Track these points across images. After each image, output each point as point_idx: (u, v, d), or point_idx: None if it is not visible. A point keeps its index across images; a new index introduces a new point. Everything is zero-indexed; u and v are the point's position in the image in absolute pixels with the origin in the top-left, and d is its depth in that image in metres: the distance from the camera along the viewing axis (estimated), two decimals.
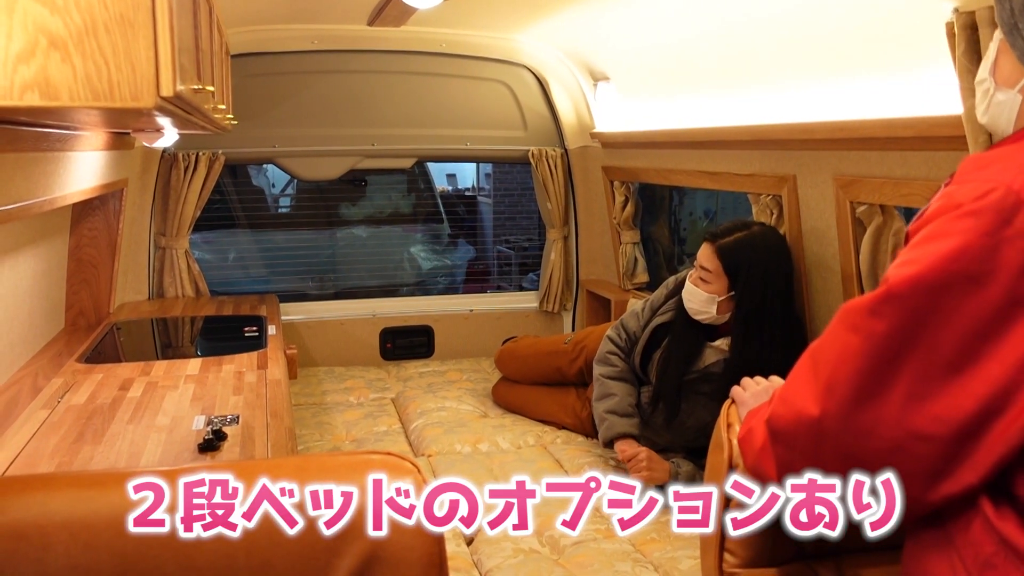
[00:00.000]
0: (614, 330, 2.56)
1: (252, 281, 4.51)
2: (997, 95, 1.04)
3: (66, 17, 0.99)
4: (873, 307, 0.94)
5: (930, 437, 0.91)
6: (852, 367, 0.94)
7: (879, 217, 2.00)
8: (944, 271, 0.89)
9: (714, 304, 2.25)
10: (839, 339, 0.97)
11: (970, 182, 0.91)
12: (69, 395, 2.07)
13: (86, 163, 2.30)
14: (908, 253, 0.94)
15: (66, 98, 1.01)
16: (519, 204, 6.45)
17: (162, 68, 1.04)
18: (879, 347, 0.93)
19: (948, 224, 0.90)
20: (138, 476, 1.00)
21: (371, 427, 2.96)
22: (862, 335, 0.94)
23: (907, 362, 0.91)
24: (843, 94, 2.02)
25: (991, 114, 1.06)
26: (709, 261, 2.25)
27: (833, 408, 0.95)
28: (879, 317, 0.93)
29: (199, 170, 3.26)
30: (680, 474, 2.22)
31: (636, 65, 3.00)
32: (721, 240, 2.25)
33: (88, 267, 2.95)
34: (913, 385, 0.91)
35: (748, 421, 1.15)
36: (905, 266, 0.92)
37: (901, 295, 0.91)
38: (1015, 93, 1.02)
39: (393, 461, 1.10)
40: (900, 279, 0.92)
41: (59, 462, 1.64)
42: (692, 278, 2.31)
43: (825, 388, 0.96)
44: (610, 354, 2.52)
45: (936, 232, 0.91)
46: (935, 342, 0.90)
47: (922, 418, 0.91)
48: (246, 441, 1.75)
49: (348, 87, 3.50)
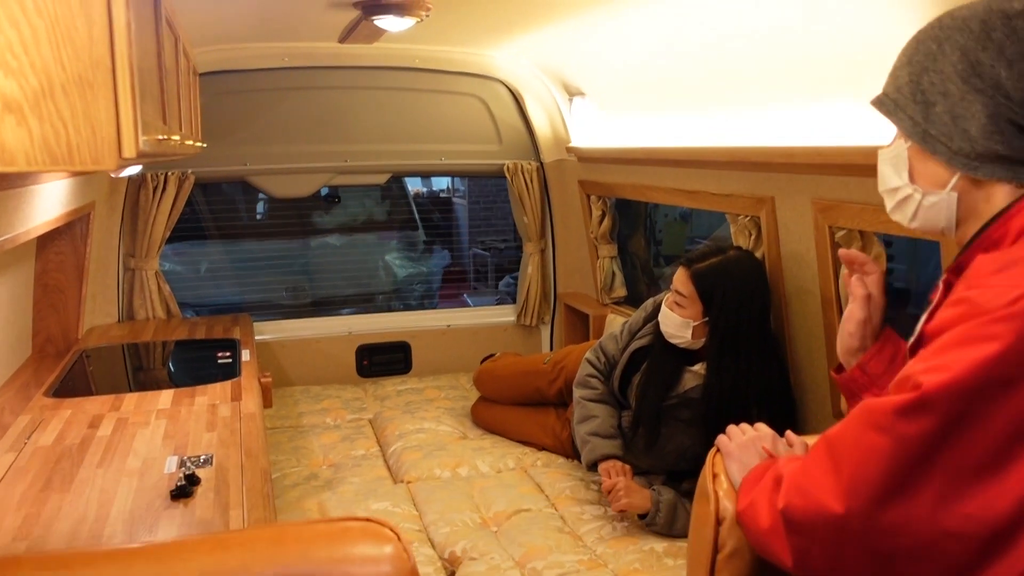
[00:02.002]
0: (592, 353, 2.54)
1: (224, 293, 4.45)
2: (927, 199, 1.07)
3: (21, 79, 0.95)
4: (903, 410, 0.92)
5: (962, 536, 0.90)
6: (879, 468, 0.93)
7: (858, 243, 1.99)
8: (980, 376, 0.89)
9: (689, 328, 2.24)
10: (864, 438, 0.95)
11: (993, 286, 0.92)
12: (36, 434, 2.01)
13: (51, 193, 2.24)
14: (934, 358, 0.93)
15: (23, 163, 0.96)
16: (494, 206, 6.42)
17: (124, 129, 0.99)
18: (909, 450, 0.91)
19: (978, 329, 0.90)
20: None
21: (348, 451, 2.92)
22: (891, 437, 0.93)
23: (939, 463, 0.90)
24: (824, 118, 2.01)
25: (923, 218, 1.10)
26: (684, 286, 2.25)
27: (858, 507, 0.93)
28: (910, 421, 0.91)
29: (168, 191, 3.20)
30: (661, 502, 2.20)
31: (612, 81, 2.98)
32: (696, 265, 2.24)
33: (55, 292, 2.88)
34: (945, 486, 0.90)
35: (747, 492, 1.12)
36: (936, 371, 0.91)
37: (935, 401, 0.90)
38: (948, 193, 1.05)
39: (373, 529, 1.06)
40: (933, 385, 0.90)
41: (26, 513, 1.59)
42: (668, 302, 2.30)
43: (849, 486, 0.94)
44: (590, 376, 2.50)
45: (965, 337, 0.91)
46: (969, 444, 0.89)
47: (954, 518, 0.90)
48: (220, 486, 1.70)
49: (321, 103, 3.44)
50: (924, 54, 1.05)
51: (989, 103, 0.99)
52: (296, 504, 2.47)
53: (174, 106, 1.62)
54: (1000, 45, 0.98)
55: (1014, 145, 0.99)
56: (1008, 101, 0.97)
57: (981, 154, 1.01)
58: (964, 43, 1.00)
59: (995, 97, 0.98)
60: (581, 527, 2.28)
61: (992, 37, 0.98)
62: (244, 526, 1.53)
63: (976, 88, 0.99)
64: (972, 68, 0.99)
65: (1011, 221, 1.00)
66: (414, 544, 2.22)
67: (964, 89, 1.00)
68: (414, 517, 2.40)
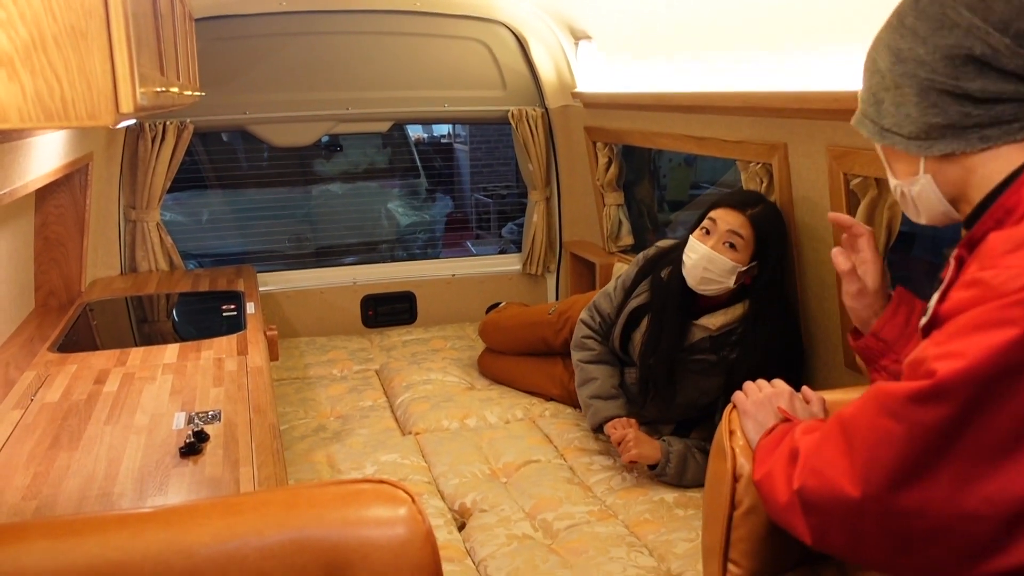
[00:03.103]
0: (587, 313, 2.50)
1: (227, 243, 4.41)
2: (912, 189, 1.10)
3: (10, 31, 0.90)
4: (918, 397, 0.91)
5: (981, 517, 0.89)
6: (894, 453, 0.92)
7: (874, 190, 1.94)
8: (997, 363, 0.87)
9: (735, 274, 2.15)
10: (878, 423, 0.94)
11: (1008, 267, 0.89)
12: (43, 391, 2.00)
13: (47, 145, 2.19)
14: (948, 343, 0.91)
15: (16, 119, 0.92)
16: (496, 151, 6.35)
17: (120, 82, 0.95)
18: (925, 436, 0.90)
19: (994, 313, 0.88)
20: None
21: (356, 402, 2.91)
22: (906, 424, 0.92)
23: (956, 448, 0.89)
24: (840, 62, 1.95)
25: (922, 209, 1.12)
26: (743, 228, 2.14)
27: (874, 492, 0.93)
28: (925, 408, 0.90)
29: (167, 140, 3.14)
30: (671, 452, 2.19)
31: (620, 24, 2.90)
32: (752, 210, 2.17)
33: (56, 246, 2.85)
34: (963, 469, 0.89)
35: (764, 460, 1.11)
36: (951, 358, 0.89)
37: (951, 389, 0.89)
38: (923, 177, 1.08)
39: (387, 491, 1.04)
40: (948, 372, 0.89)
41: (35, 472, 1.58)
42: (712, 244, 2.16)
43: (863, 471, 0.94)
44: (585, 338, 2.47)
45: (981, 322, 0.89)
46: (986, 428, 0.88)
47: (973, 499, 0.89)
48: (229, 442, 1.69)
49: (320, 50, 3.36)
50: (870, 63, 1.12)
51: (916, 82, 1.03)
52: (305, 456, 2.47)
53: (171, 55, 1.56)
54: (913, 28, 1.04)
55: (949, 112, 1.01)
56: (933, 74, 1.01)
57: (925, 131, 1.04)
58: (888, 39, 1.07)
59: (918, 74, 1.02)
60: (590, 478, 2.28)
61: (905, 23, 1.05)
62: (254, 483, 1.53)
63: (904, 73, 1.04)
64: (897, 57, 1.05)
65: (1021, 191, 0.98)
66: (424, 496, 2.23)
67: (897, 78, 1.05)
68: (423, 469, 2.40)
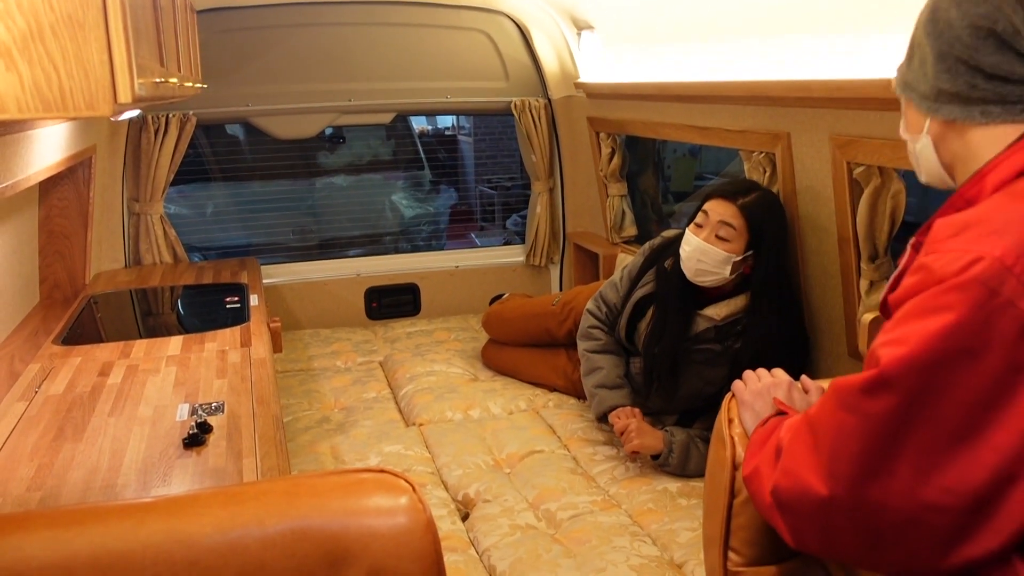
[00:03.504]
0: (593, 303, 2.50)
1: (231, 236, 4.42)
2: (916, 146, 1.09)
3: (8, 21, 0.90)
4: (866, 388, 0.92)
5: (943, 508, 0.89)
6: (853, 447, 0.92)
7: (877, 179, 1.94)
8: (936, 349, 0.87)
9: (729, 264, 2.16)
10: (835, 417, 0.95)
11: (948, 252, 0.89)
12: (47, 383, 2.01)
13: (50, 137, 2.19)
14: (894, 331, 0.91)
15: (14, 110, 0.92)
16: (500, 143, 6.34)
17: (118, 72, 0.95)
18: (877, 427, 0.91)
19: (933, 299, 0.88)
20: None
21: (360, 393, 2.92)
22: (858, 416, 0.92)
23: (910, 438, 0.89)
24: (842, 51, 1.94)
25: (923, 169, 1.11)
26: (734, 218, 2.15)
27: (840, 489, 0.94)
28: (874, 398, 0.91)
29: (170, 133, 3.14)
30: (674, 443, 2.19)
31: (622, 14, 2.89)
32: (744, 199, 2.16)
33: (60, 238, 2.85)
34: (919, 459, 0.89)
35: (752, 455, 1.11)
36: (894, 345, 0.90)
37: (894, 377, 0.89)
38: (924, 137, 1.07)
39: (388, 480, 1.05)
40: (891, 360, 0.89)
41: (39, 463, 1.59)
42: (704, 236, 2.17)
43: (828, 467, 0.95)
44: (592, 328, 2.47)
45: (921, 308, 0.89)
46: (937, 416, 0.88)
47: (933, 490, 0.89)
48: (232, 433, 1.69)
49: (322, 41, 3.36)
50: (920, 16, 1.09)
51: (940, 44, 1.01)
52: (309, 448, 2.48)
53: (171, 46, 1.56)
54: None
55: (958, 81, 1.00)
56: (955, 40, 1.00)
57: (935, 94, 1.03)
58: None
59: (943, 36, 1.01)
60: (594, 468, 2.28)
61: None
62: (257, 474, 1.53)
63: (932, 32, 1.02)
64: (934, 15, 1.03)
65: (985, 179, 0.99)
66: (427, 487, 2.23)
67: (927, 36, 1.04)
68: (427, 460, 2.40)
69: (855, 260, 2.04)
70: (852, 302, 2.09)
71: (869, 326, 1.79)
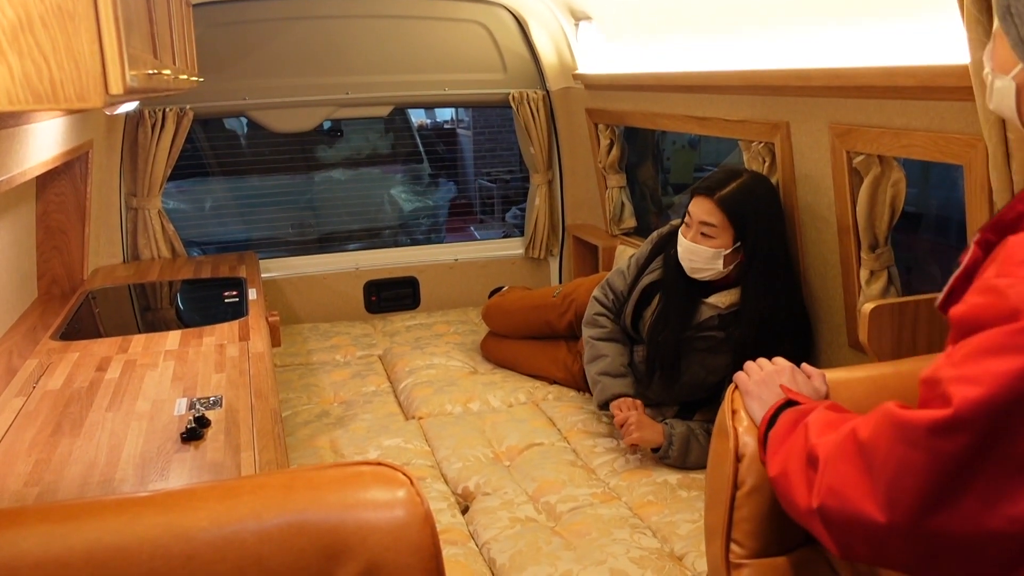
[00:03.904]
0: (600, 290, 2.50)
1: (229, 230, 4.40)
2: (996, 82, 1.00)
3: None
4: (937, 429, 0.87)
5: (1008, 536, 0.87)
6: (918, 481, 0.89)
7: (877, 168, 1.92)
8: (1014, 390, 0.83)
9: (720, 259, 2.16)
10: (897, 450, 0.91)
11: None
12: (45, 378, 2.00)
13: (46, 132, 2.18)
14: (965, 366, 0.87)
15: (4, 101, 0.91)
16: (499, 136, 6.32)
17: (109, 63, 0.94)
18: (947, 465, 0.87)
19: (1010, 338, 0.84)
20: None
21: (359, 387, 2.91)
22: (927, 454, 0.88)
23: (979, 473, 0.86)
24: (841, 39, 1.93)
25: (995, 101, 1.01)
26: (712, 215, 2.16)
27: (900, 518, 0.90)
28: (945, 439, 0.87)
29: (167, 127, 3.13)
30: (674, 435, 2.19)
31: (620, 4, 2.87)
32: (720, 192, 2.16)
33: (58, 234, 2.85)
34: (988, 491, 0.86)
35: (776, 451, 1.08)
36: (967, 384, 0.86)
37: (969, 420, 0.85)
38: (1009, 80, 0.97)
39: (385, 473, 1.04)
40: (964, 401, 0.85)
41: (37, 458, 1.58)
42: (690, 236, 2.20)
43: (888, 496, 0.91)
44: (598, 315, 2.46)
45: (998, 346, 0.84)
46: (1009, 453, 0.85)
47: (999, 519, 0.86)
48: (231, 427, 1.69)
49: (319, 34, 3.35)
50: None
51: None
52: (308, 442, 2.47)
53: (165, 38, 1.55)
54: None
55: None
56: None
57: None
58: None
59: None
60: (594, 460, 2.28)
61: None
62: (255, 468, 1.52)
63: None
64: None
65: None
66: (427, 480, 2.23)
67: None
68: (426, 453, 2.40)
69: (855, 249, 2.03)
70: (852, 292, 2.08)
71: (869, 316, 1.78)
